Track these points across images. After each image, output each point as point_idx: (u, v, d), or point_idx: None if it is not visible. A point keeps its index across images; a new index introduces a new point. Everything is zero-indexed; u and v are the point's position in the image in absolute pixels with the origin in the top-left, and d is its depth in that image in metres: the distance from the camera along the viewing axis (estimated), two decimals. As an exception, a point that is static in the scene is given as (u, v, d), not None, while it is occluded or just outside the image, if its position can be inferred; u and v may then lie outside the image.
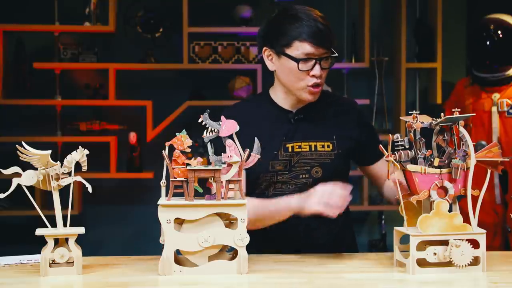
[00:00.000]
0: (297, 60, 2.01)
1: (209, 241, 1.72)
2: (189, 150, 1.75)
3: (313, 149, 2.10)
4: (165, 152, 1.72)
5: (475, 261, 1.75)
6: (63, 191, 1.78)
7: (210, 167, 1.73)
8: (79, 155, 1.76)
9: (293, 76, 2.05)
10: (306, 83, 2.04)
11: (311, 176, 2.09)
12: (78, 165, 1.76)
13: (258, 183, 2.11)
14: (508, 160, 1.82)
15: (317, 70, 2.03)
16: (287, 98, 2.13)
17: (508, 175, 3.54)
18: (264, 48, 2.10)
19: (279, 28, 2.05)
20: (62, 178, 1.75)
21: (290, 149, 2.09)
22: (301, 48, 2.01)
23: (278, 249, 2.04)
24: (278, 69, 2.09)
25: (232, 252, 1.79)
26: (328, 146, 2.11)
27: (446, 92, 4.08)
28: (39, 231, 1.74)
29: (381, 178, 2.20)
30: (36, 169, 1.74)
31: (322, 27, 2.01)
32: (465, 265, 1.73)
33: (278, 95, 2.15)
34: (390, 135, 1.78)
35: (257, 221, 2.01)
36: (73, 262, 1.74)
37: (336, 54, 2.06)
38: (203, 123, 1.76)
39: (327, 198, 1.91)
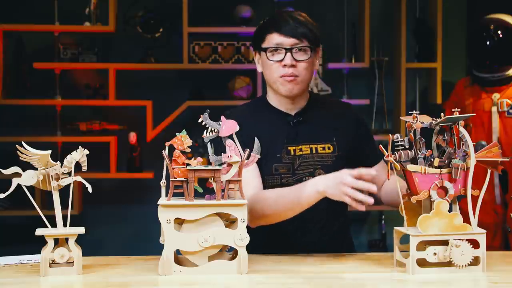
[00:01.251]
0: (265, 49, 2.08)
1: (209, 241, 1.72)
2: (189, 150, 1.75)
3: (314, 151, 2.11)
4: (165, 152, 1.72)
5: (475, 261, 1.75)
6: (63, 191, 1.78)
7: (210, 167, 1.73)
8: (79, 155, 1.76)
9: (268, 69, 2.10)
10: (278, 73, 2.08)
11: None
12: (78, 165, 1.76)
13: (263, 186, 2.10)
14: (508, 160, 1.82)
15: (287, 60, 2.06)
16: (279, 99, 2.15)
17: (508, 175, 3.54)
18: (254, 52, 2.18)
19: (259, 29, 2.14)
20: (62, 178, 1.75)
21: (292, 152, 2.10)
22: (271, 39, 2.08)
23: (277, 250, 2.04)
24: (261, 68, 2.15)
25: (232, 252, 1.79)
26: (328, 148, 2.12)
27: (446, 92, 4.08)
28: (39, 231, 1.74)
29: (378, 183, 2.07)
30: (36, 169, 1.74)
31: (291, 20, 2.07)
32: (465, 265, 1.73)
33: (272, 98, 2.18)
34: (390, 135, 1.78)
35: (279, 213, 1.96)
36: (73, 262, 1.74)
37: (308, 44, 2.06)
38: (203, 123, 1.76)
39: (354, 192, 1.83)
